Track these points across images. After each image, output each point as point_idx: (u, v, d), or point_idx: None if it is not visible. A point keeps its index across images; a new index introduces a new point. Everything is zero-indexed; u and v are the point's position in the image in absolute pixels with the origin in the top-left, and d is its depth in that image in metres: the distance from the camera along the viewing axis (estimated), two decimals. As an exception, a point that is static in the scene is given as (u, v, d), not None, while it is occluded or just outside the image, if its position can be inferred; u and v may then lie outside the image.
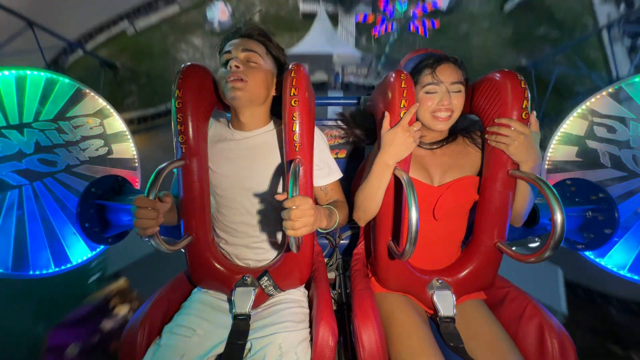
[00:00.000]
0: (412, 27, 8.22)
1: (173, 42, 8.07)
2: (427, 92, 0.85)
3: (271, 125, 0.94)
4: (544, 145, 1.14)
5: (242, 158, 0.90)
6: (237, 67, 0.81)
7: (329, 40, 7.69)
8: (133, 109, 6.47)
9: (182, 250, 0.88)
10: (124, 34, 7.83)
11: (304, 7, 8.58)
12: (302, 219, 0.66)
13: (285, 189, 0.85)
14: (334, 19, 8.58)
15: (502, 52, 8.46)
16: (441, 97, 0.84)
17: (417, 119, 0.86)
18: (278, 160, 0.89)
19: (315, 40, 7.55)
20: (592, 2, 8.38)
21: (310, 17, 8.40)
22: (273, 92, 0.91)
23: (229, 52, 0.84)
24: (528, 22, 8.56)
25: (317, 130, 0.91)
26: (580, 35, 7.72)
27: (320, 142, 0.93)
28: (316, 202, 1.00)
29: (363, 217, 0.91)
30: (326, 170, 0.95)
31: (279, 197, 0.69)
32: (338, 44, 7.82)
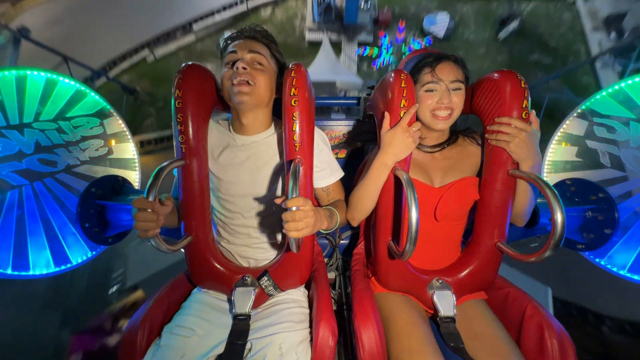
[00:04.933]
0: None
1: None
2: (427, 91, 0.85)
3: (272, 129, 0.93)
4: (543, 145, 1.15)
5: (246, 164, 0.89)
6: (245, 68, 0.80)
7: (332, 68, 8.22)
8: (151, 130, 7.03)
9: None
10: (144, 61, 8.51)
11: (309, 36, 9.43)
12: (303, 220, 0.66)
13: (285, 190, 0.85)
14: (337, 46, 9.30)
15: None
16: (441, 96, 0.84)
17: (417, 119, 0.86)
18: (280, 164, 0.89)
19: (320, 69, 8.06)
20: (583, 30, 8.58)
21: (315, 45, 9.14)
22: (274, 94, 0.91)
23: (234, 52, 0.83)
24: (522, 49, 8.86)
25: (318, 131, 0.91)
26: (573, 62, 8.04)
27: (320, 142, 0.92)
28: (318, 203, 1.00)
29: (357, 217, 0.92)
30: (327, 171, 0.95)
31: (278, 201, 0.69)
32: (341, 72, 8.33)
